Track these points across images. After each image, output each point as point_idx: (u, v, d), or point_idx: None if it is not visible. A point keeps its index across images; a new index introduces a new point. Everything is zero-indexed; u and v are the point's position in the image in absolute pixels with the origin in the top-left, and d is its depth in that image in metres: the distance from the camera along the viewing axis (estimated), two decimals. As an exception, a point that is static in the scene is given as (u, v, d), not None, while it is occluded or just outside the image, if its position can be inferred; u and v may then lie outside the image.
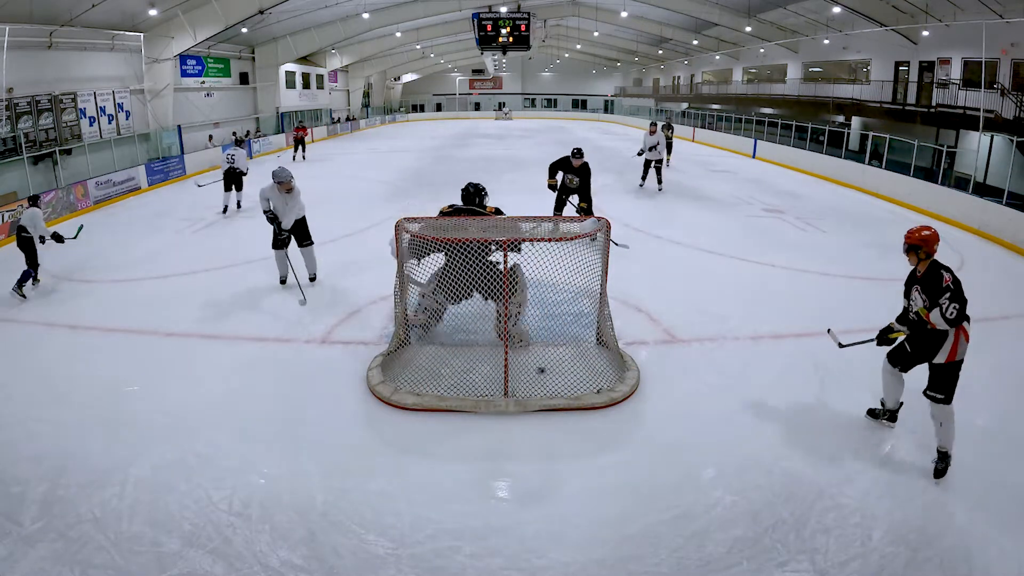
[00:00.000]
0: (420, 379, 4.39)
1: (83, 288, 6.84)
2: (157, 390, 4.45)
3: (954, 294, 3.44)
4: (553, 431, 3.94)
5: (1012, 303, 6.41)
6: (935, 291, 3.49)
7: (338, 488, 3.36)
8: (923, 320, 3.54)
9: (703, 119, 25.68)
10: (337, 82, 31.76)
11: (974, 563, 2.83)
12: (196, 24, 16.09)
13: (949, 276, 3.49)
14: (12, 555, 2.86)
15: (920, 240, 3.65)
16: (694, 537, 3.02)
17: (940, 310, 3.43)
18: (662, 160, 12.54)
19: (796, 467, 3.55)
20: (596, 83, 47.86)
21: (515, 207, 9.26)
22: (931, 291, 3.52)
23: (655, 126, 12.63)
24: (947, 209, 10.45)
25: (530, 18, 18.96)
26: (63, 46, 13.52)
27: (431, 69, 43.79)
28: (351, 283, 6.69)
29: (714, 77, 31.21)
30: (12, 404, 4.28)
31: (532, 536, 3.03)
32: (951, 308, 3.41)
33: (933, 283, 3.51)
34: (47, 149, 12.50)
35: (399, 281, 4.72)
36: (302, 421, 4.06)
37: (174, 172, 15.13)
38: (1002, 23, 12.51)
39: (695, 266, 7.48)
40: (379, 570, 2.81)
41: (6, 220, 9.18)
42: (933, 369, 3.55)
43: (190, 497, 3.26)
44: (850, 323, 5.68)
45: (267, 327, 5.54)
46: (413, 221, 4.53)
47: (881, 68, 18.21)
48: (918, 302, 3.62)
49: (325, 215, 9.91)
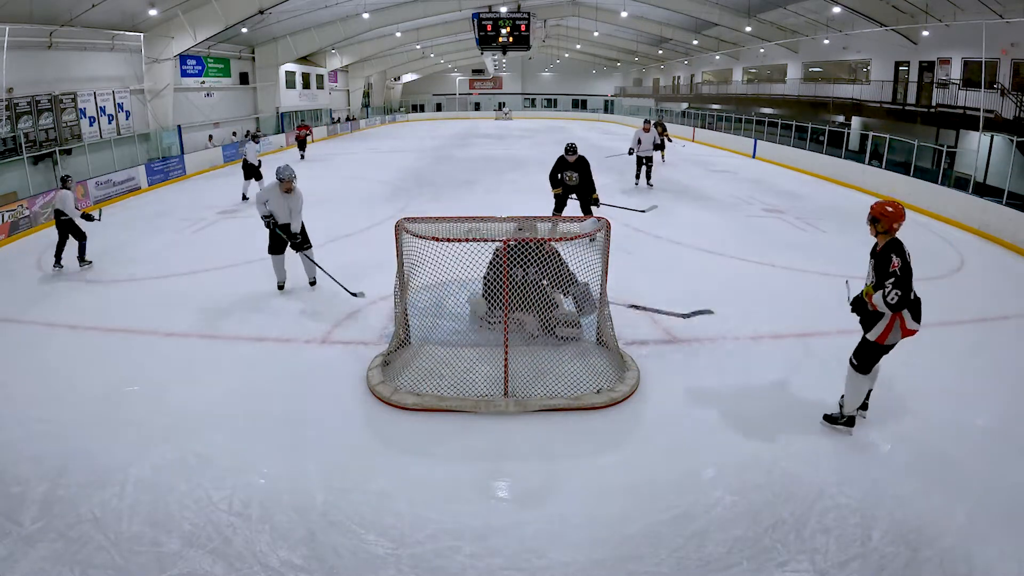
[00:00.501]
0: (420, 379, 4.39)
1: (83, 288, 6.85)
2: (157, 390, 4.45)
3: (899, 280, 3.45)
4: (553, 431, 3.94)
5: (1012, 303, 6.41)
6: (883, 272, 3.52)
7: (338, 488, 3.36)
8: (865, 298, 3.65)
9: (703, 119, 25.67)
10: (337, 82, 31.76)
11: (974, 563, 2.83)
12: (196, 24, 16.10)
13: (898, 262, 3.48)
14: (12, 555, 2.86)
15: (879, 213, 3.62)
16: (694, 537, 3.02)
17: (883, 293, 3.49)
18: (651, 158, 12.90)
19: (796, 467, 3.55)
20: (596, 83, 47.85)
21: (515, 207, 9.26)
22: (880, 271, 3.55)
23: (648, 123, 13.00)
24: (947, 209, 10.44)
25: (530, 18, 18.97)
26: (63, 46, 13.52)
27: (431, 69, 43.80)
28: (351, 283, 6.68)
29: (714, 77, 31.20)
30: (12, 404, 4.28)
31: (532, 536, 3.02)
32: (893, 294, 3.45)
33: (883, 263, 3.53)
34: (47, 149, 12.50)
35: (399, 281, 4.72)
36: (302, 421, 4.06)
37: (174, 172, 15.14)
38: (1002, 23, 12.51)
39: (695, 266, 7.48)
40: (379, 570, 2.81)
41: (6, 220, 9.18)
42: (862, 341, 3.73)
43: (190, 497, 3.26)
44: (850, 323, 5.69)
45: (267, 327, 5.54)
46: (413, 221, 4.53)
47: (881, 68, 18.21)
48: (869, 277, 3.70)
49: (325, 215, 9.93)
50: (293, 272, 6.71)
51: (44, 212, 10.11)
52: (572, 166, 8.04)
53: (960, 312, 6.02)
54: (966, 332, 5.60)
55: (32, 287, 6.90)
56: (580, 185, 8.13)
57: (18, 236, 9.31)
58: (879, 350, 3.68)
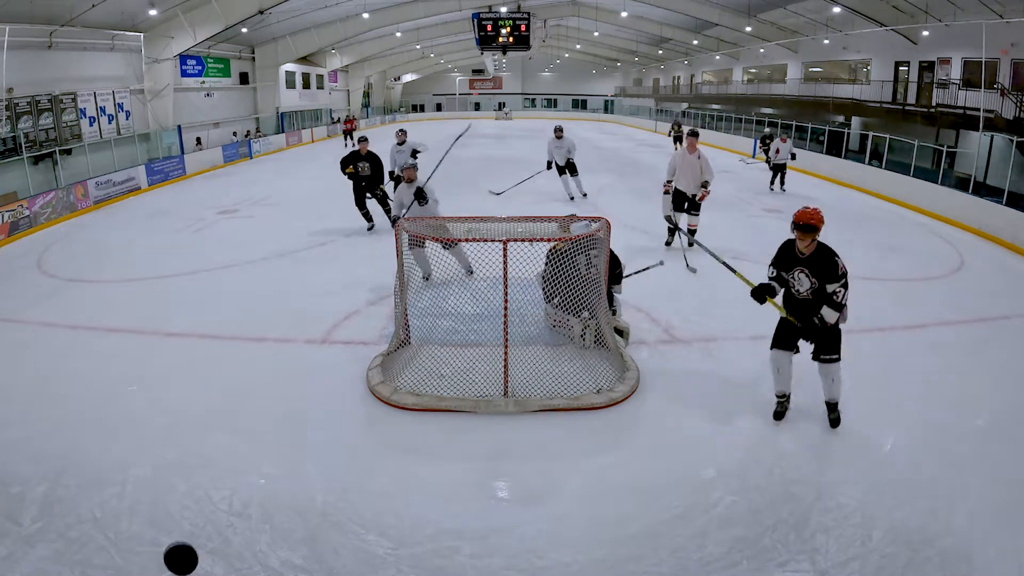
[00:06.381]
0: (420, 379, 4.39)
1: (83, 288, 6.85)
2: (157, 390, 4.44)
3: (846, 282, 3.60)
4: (553, 431, 3.93)
5: (1012, 303, 6.40)
6: (828, 275, 3.59)
7: (338, 488, 3.36)
8: (813, 302, 3.67)
9: (703, 119, 25.68)
10: (337, 82, 31.75)
11: (974, 563, 2.83)
12: (196, 24, 16.09)
13: (842, 262, 3.61)
14: (12, 555, 2.86)
15: (817, 220, 3.64)
16: (694, 537, 3.02)
17: (836, 298, 3.59)
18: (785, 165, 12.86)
19: (796, 467, 3.55)
20: (596, 83, 47.83)
21: (516, 207, 9.25)
22: (823, 274, 3.60)
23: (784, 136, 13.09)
24: (947, 209, 10.44)
25: (530, 18, 18.99)
26: (63, 46, 13.51)
27: (431, 69, 43.79)
28: (353, 284, 6.68)
29: (714, 77, 31.20)
30: (12, 404, 4.28)
31: (532, 536, 3.02)
32: (844, 296, 3.60)
33: (826, 266, 3.59)
34: (47, 149, 12.48)
35: (399, 281, 4.72)
36: (302, 421, 4.06)
37: (174, 172, 15.13)
38: (1002, 23, 12.50)
39: (695, 266, 7.47)
40: (379, 570, 2.81)
41: (6, 220, 9.19)
42: (826, 333, 3.75)
43: (190, 497, 3.26)
44: (850, 323, 5.67)
45: (267, 327, 5.53)
46: (413, 221, 4.53)
47: (881, 68, 18.21)
48: (804, 283, 3.69)
49: (326, 213, 9.94)
50: (292, 275, 6.70)
51: (44, 212, 10.12)
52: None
53: (960, 312, 6.02)
54: (966, 332, 5.60)
55: (32, 287, 6.90)
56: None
57: (18, 236, 9.31)
58: (839, 331, 3.79)
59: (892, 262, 7.81)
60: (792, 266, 3.75)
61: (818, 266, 3.63)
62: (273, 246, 8.17)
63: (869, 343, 5.26)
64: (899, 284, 6.95)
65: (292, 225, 9.49)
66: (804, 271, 3.68)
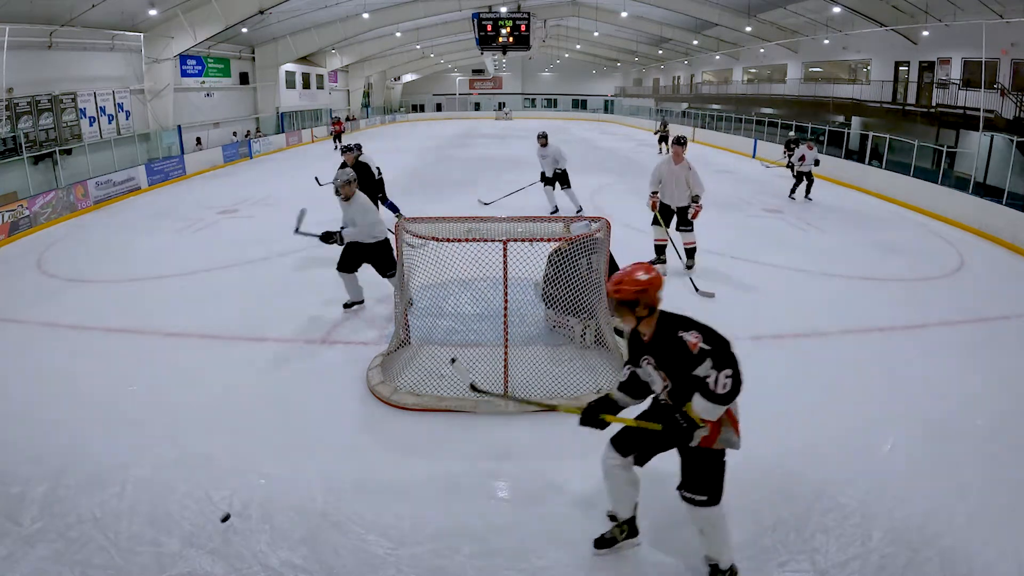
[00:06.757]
0: (420, 379, 4.39)
1: (83, 288, 6.85)
2: (157, 390, 4.44)
3: (717, 356, 2.26)
4: (553, 431, 3.93)
5: (1012, 303, 6.41)
6: (679, 361, 2.34)
7: (338, 488, 3.35)
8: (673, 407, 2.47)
9: (703, 119, 25.69)
10: (337, 82, 31.77)
11: (974, 563, 2.83)
12: (196, 24, 16.10)
13: (696, 336, 2.30)
14: (12, 555, 2.86)
15: (637, 292, 2.40)
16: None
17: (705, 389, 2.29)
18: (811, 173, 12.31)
19: (796, 467, 3.55)
20: (596, 83, 47.86)
21: (515, 207, 9.25)
22: (672, 362, 2.39)
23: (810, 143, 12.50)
24: (947, 209, 10.45)
25: (530, 18, 19.01)
26: (63, 46, 13.52)
27: (431, 69, 43.80)
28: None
29: (714, 77, 31.22)
30: (12, 404, 4.28)
31: (532, 536, 3.02)
32: (721, 380, 2.25)
33: (674, 351, 2.35)
34: (47, 149, 12.49)
35: (399, 281, 4.72)
36: (302, 421, 4.06)
37: (174, 172, 15.14)
38: (1002, 23, 12.51)
39: (695, 266, 7.47)
40: (379, 570, 2.81)
41: (6, 220, 9.19)
42: (687, 458, 2.53)
43: (190, 497, 3.26)
44: (850, 323, 5.70)
45: (267, 327, 5.53)
46: (413, 221, 4.53)
47: (881, 68, 18.22)
48: (655, 379, 2.52)
49: (326, 214, 9.92)
50: (292, 275, 6.69)
51: (44, 212, 10.12)
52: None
53: (960, 312, 6.02)
54: (966, 332, 5.60)
55: (32, 287, 6.90)
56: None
57: (18, 236, 9.31)
58: (716, 457, 2.49)
59: (892, 262, 7.81)
60: (639, 357, 2.56)
61: (663, 351, 2.41)
62: (273, 246, 8.16)
63: (869, 343, 5.26)
64: (899, 284, 6.95)
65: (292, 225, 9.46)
66: (649, 361, 2.49)
